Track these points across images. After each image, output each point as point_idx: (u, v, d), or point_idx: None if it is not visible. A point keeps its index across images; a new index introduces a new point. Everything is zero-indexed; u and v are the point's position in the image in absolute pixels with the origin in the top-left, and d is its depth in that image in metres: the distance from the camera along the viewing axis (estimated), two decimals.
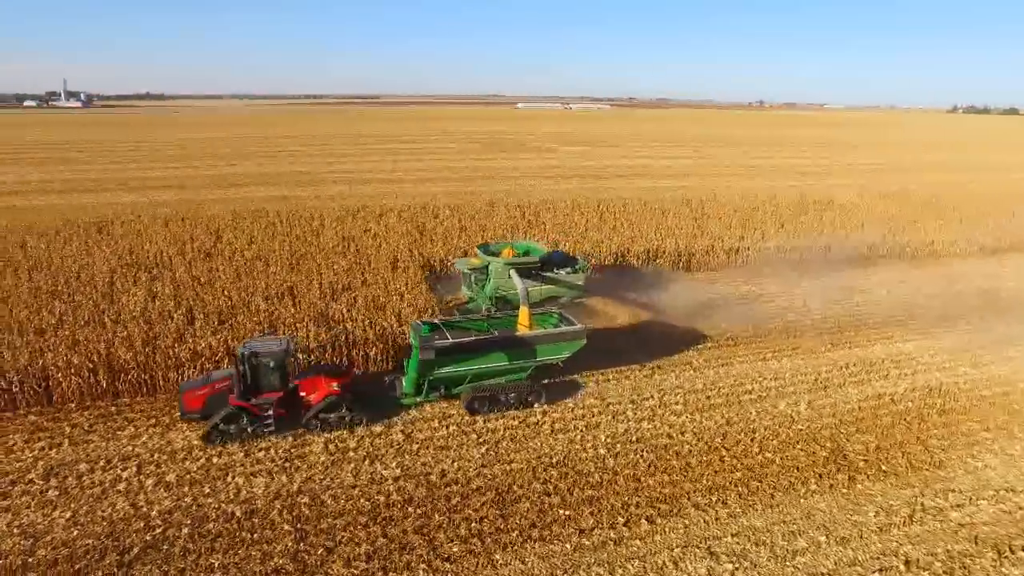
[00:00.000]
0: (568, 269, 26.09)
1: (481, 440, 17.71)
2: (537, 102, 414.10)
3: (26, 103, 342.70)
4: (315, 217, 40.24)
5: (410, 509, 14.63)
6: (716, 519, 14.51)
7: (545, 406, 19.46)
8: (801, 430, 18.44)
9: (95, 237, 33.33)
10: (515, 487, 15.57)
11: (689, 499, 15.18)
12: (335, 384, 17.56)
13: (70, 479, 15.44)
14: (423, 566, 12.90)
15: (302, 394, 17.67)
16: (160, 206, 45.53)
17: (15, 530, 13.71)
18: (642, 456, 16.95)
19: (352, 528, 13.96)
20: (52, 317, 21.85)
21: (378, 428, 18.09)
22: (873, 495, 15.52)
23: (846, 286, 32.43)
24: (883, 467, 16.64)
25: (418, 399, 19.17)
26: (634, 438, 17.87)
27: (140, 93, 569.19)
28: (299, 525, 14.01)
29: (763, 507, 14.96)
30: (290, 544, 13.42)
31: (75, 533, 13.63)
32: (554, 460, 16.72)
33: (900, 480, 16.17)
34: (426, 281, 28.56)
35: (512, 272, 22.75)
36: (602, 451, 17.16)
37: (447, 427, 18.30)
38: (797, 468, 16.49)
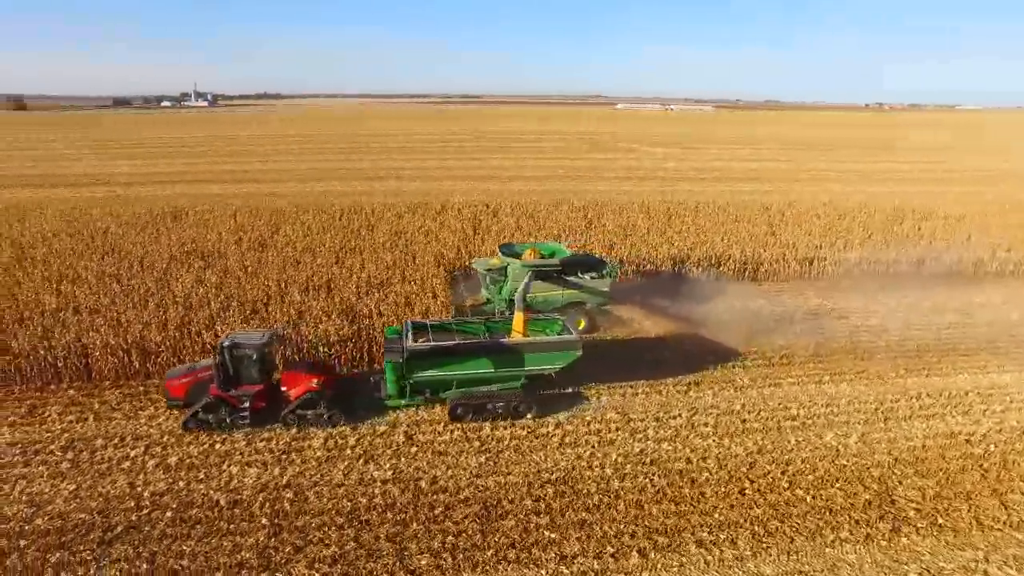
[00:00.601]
0: (593, 274, 24.42)
1: (483, 448, 16.84)
2: (637, 103, 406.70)
3: (163, 103, 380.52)
4: (374, 212, 40.98)
5: (389, 515, 14.04)
6: (719, 560, 12.83)
7: (556, 419, 18.27)
8: (845, 466, 16.12)
9: (168, 225, 35.64)
10: (505, 502, 14.58)
11: (693, 534, 13.55)
12: (314, 381, 17.29)
13: (84, 453, 16.16)
14: (384, 575, 12.29)
15: (283, 388, 17.56)
16: (237, 197, 48.19)
17: (24, 497, 14.45)
18: (652, 480, 15.42)
19: (326, 528, 13.57)
20: (106, 298, 23.31)
21: (382, 427, 17.70)
22: (920, 552, 13.17)
23: (938, 305, 28.62)
24: (939, 520, 14.13)
25: (402, 402, 18.43)
26: (648, 459, 16.34)
27: (259, 93, 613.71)
28: (276, 520, 13.79)
29: (778, 552, 13.06)
30: (262, 538, 13.21)
31: (72, 506, 14.15)
32: (554, 476, 15.57)
33: (959, 538, 13.64)
34: (445, 280, 28.01)
35: (527, 275, 21.76)
36: (608, 471, 15.79)
37: (451, 432, 17.54)
38: (830, 510, 14.35)
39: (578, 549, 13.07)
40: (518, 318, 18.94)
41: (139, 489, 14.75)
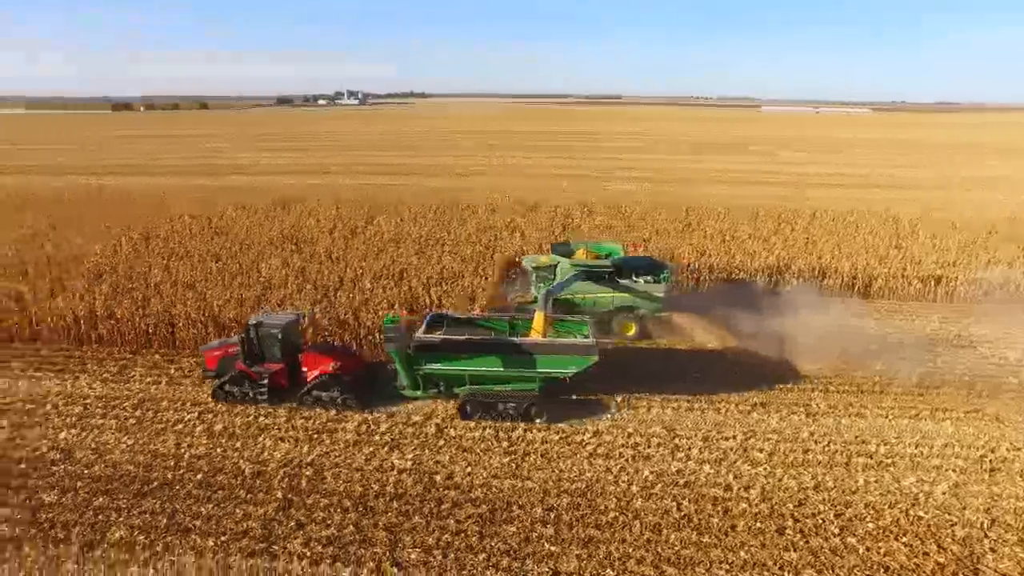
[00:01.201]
0: (648, 278, 22.69)
1: (510, 450, 16.26)
2: (785, 105, 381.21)
3: (319, 101, 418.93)
4: (469, 207, 41.59)
5: (395, 504, 13.95)
6: None
7: (596, 427, 17.23)
8: (921, 518, 13.58)
9: (276, 213, 38.62)
10: (515, 507, 13.95)
11: (709, 569, 12.07)
12: (331, 365, 17.57)
13: (150, 412, 17.77)
14: (369, 564, 12.15)
15: (304, 369, 18.08)
16: (348, 188, 51.22)
17: (92, 445, 16.16)
18: (679, 504, 14.00)
19: (332, 510, 13.75)
20: (201, 275, 25.62)
21: (418, 417, 17.73)
22: None
23: None
24: None
25: (418, 393, 18.23)
26: (683, 481, 14.88)
27: (405, 92, 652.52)
28: (290, 495, 14.23)
29: None
30: (271, 511, 13.67)
31: (125, 458, 15.58)
32: (574, 487, 14.64)
33: None
34: (500, 276, 27.61)
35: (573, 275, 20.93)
36: (634, 488, 14.56)
37: (483, 430, 17.13)
38: (886, 568, 12.13)
39: (575, 567, 12.15)
40: (538, 317, 18.10)
41: (182, 450, 15.93)
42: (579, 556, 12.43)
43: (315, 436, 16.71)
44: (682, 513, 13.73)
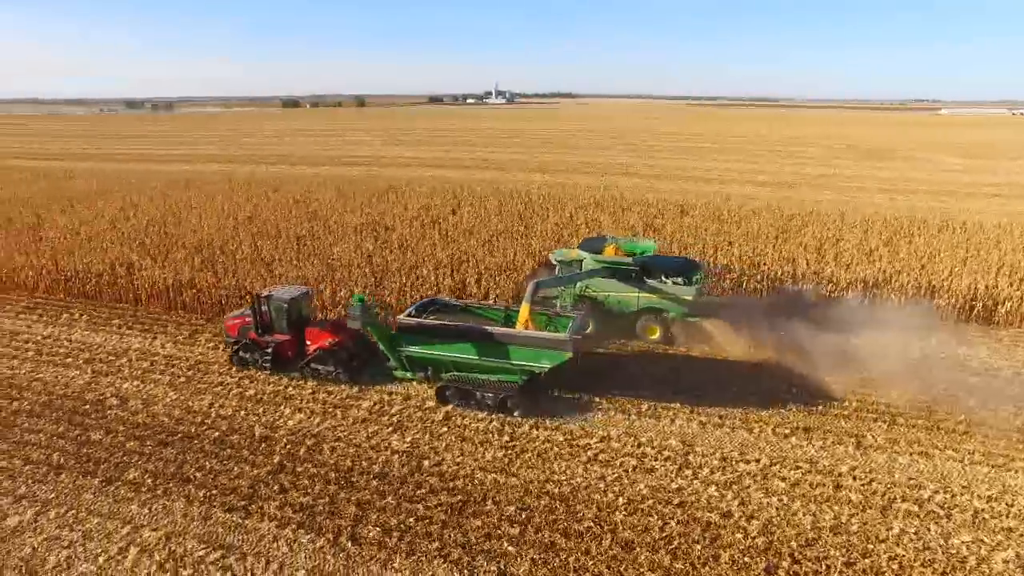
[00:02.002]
0: (678, 280, 20.89)
1: (509, 444, 15.84)
2: (969, 107, 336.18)
3: (468, 100, 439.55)
4: (559, 202, 41.22)
5: (375, 483, 14.15)
6: None
7: (608, 432, 16.23)
8: None
9: (372, 200, 40.90)
10: (489, 501, 13.55)
11: None
12: (327, 340, 18.05)
13: (199, 374, 19.55)
14: (328, 535, 12.43)
15: (307, 342, 18.78)
16: (453, 182, 52.79)
17: (143, 396, 18.13)
18: (665, 524, 12.77)
19: (315, 480, 14.26)
20: (281, 254, 27.78)
21: (432, 403, 17.88)
22: None
23: None
24: None
25: (408, 375, 18.41)
26: (678, 500, 13.56)
27: (552, 92, 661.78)
28: (285, 462, 14.94)
29: None
30: (263, 474, 14.46)
31: (163, 411, 17.30)
32: (558, 490, 13.92)
33: None
34: (533, 268, 26.61)
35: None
36: (621, 500, 13.53)
37: (489, 422, 16.87)
38: None
39: (525, 571, 11.54)
40: (523, 309, 17.39)
41: (212, 409, 17.36)
42: (534, 560, 11.79)
43: (330, 410, 17.45)
44: (664, 534, 12.52)
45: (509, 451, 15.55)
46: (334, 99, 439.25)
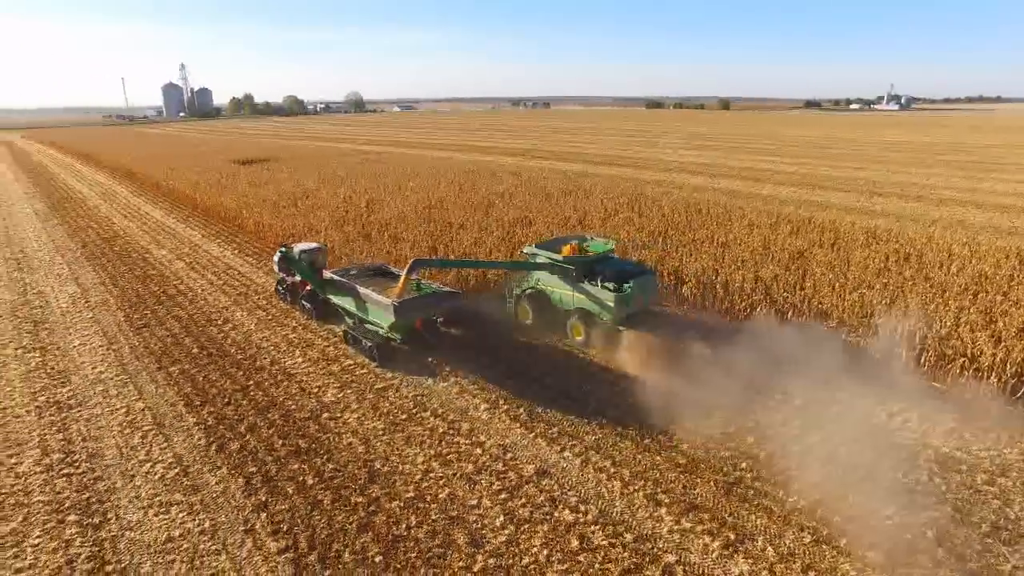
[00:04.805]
0: (609, 285, 19.32)
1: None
2: None
3: (851, 106, 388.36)
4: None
5: (329, 464, 14.64)
6: None
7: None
8: None
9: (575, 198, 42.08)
10: (389, 497, 13.42)
11: None
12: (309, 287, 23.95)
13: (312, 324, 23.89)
14: (240, 480, 14.02)
15: (306, 285, 24.47)
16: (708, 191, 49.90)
17: (245, 328, 23.47)
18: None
19: (293, 450, 15.19)
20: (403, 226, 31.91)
21: (453, 415, 17.10)
22: None
23: None
24: None
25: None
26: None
27: (965, 97, 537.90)
28: (271, 409, 16.94)
29: None
30: (249, 414, 16.72)
31: (246, 341, 21.86)
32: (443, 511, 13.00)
33: None
34: None
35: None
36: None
37: (482, 449, 15.42)
38: None
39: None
40: (401, 281, 19.58)
41: (280, 357, 20.55)
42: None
43: (374, 390, 18.19)
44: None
45: (436, 446, 15.33)
46: (698, 101, 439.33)
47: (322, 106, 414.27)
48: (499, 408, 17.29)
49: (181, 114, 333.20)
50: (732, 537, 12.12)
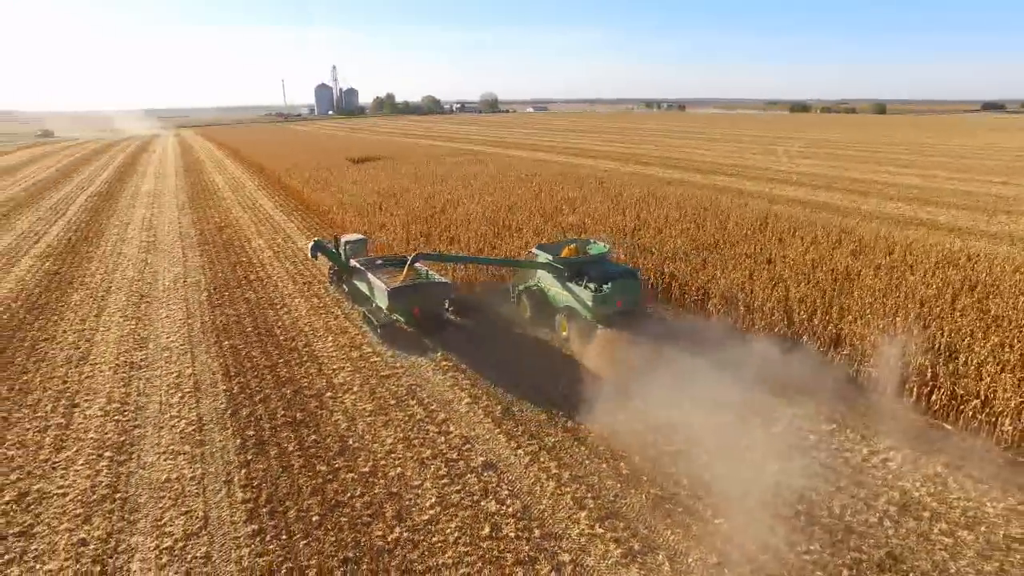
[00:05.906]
0: (592, 285, 20.80)
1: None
2: None
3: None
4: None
5: (311, 429, 17.80)
6: None
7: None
8: None
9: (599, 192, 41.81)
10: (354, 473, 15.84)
11: None
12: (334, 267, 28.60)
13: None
14: (237, 441, 16.32)
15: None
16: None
17: (293, 312, 26.95)
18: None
19: (287, 400, 18.44)
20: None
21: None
22: None
23: None
24: None
25: (345, 289, 28.14)
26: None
27: None
28: (285, 385, 19.51)
29: None
30: (267, 379, 19.96)
31: (292, 323, 25.78)
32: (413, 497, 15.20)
33: None
34: None
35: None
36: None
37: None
38: None
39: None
40: (405, 270, 23.20)
41: (314, 342, 23.13)
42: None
43: (371, 377, 19.95)
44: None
45: (409, 432, 17.02)
46: (850, 104, 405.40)
47: (457, 106, 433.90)
48: (479, 403, 18.66)
49: (330, 112, 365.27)
50: (636, 547, 12.53)
